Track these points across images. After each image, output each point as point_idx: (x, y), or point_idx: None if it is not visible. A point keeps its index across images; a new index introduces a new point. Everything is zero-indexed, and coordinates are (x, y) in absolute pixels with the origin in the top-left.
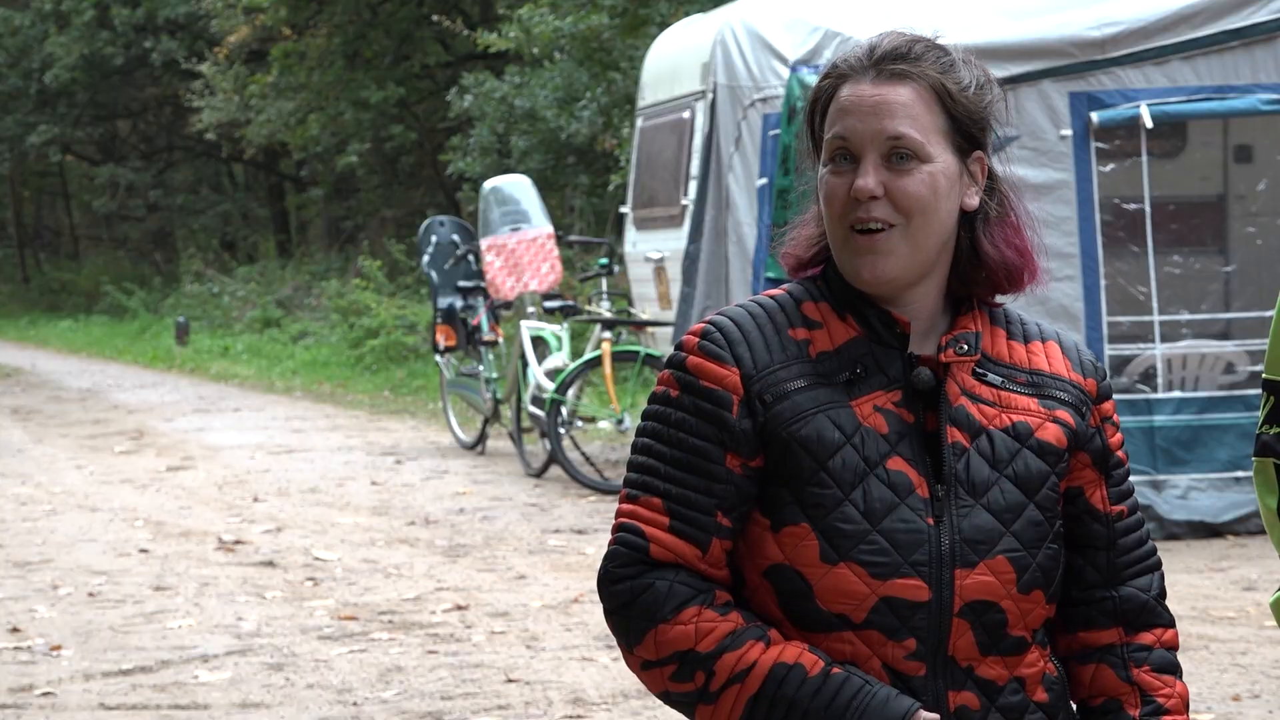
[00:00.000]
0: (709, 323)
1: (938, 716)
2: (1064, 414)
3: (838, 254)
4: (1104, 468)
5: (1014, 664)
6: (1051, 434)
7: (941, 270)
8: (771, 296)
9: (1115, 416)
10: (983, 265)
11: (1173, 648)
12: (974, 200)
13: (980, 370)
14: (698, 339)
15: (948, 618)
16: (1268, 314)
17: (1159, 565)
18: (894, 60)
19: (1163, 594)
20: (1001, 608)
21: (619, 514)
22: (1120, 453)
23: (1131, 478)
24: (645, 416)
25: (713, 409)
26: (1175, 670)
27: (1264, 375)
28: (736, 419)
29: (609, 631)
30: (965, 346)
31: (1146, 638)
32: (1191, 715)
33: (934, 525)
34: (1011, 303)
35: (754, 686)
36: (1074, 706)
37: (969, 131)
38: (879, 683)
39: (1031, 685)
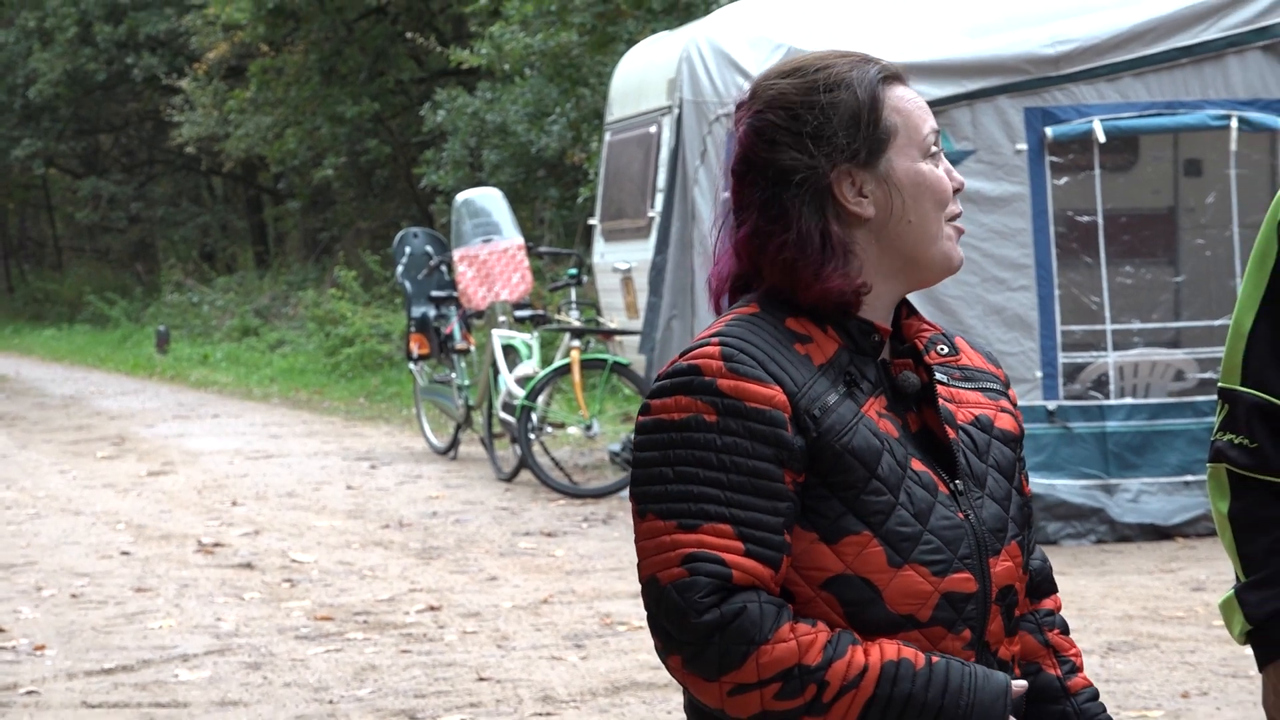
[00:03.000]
0: (722, 345)
1: (1025, 684)
2: (1006, 404)
3: (930, 244)
4: (1020, 451)
5: (1014, 644)
6: (1007, 422)
7: None
8: (748, 316)
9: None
10: None
11: (1059, 610)
12: None
13: (927, 369)
14: (721, 362)
15: (988, 605)
16: (1216, 323)
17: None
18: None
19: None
20: (1016, 590)
21: (679, 544)
22: None
23: (1083, 482)
24: (669, 445)
25: (768, 429)
26: (1069, 631)
27: (1219, 384)
28: (792, 436)
29: (577, 631)
30: (944, 348)
31: (1048, 604)
32: (1141, 712)
33: (965, 519)
34: (967, 308)
35: (869, 690)
36: None
37: None
38: (970, 662)
39: (1015, 664)
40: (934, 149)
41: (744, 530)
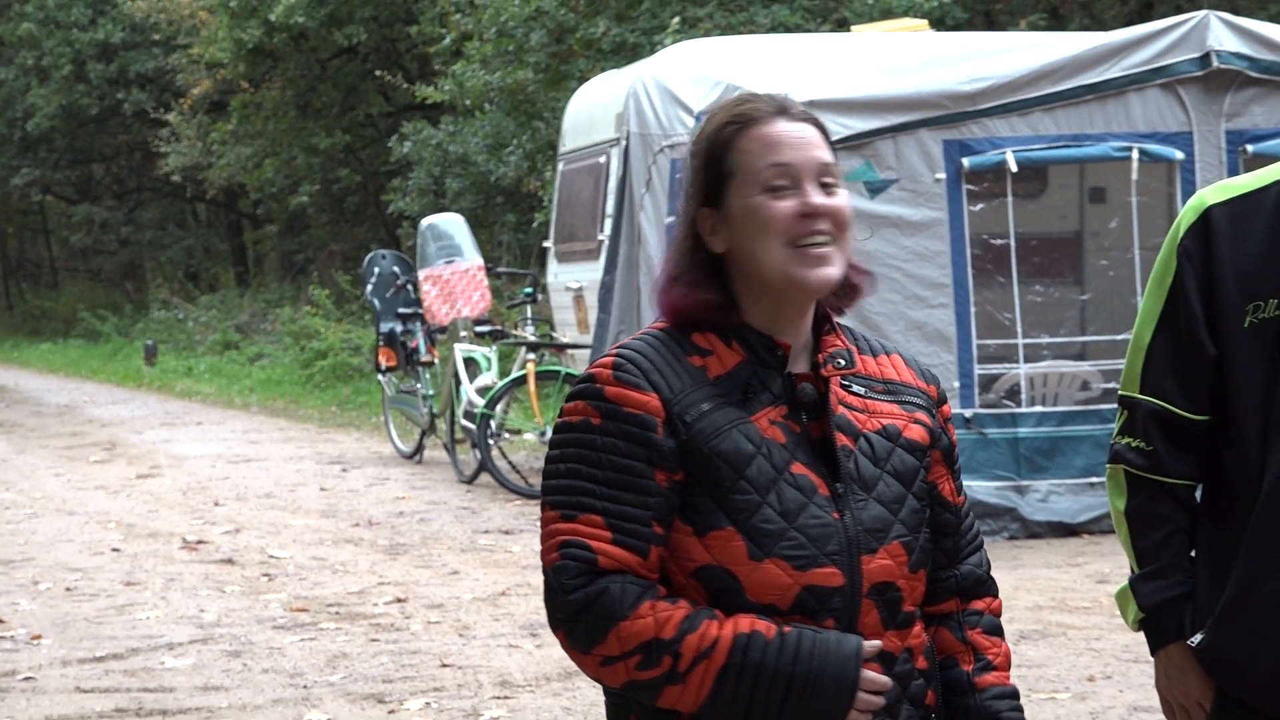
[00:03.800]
0: (617, 357)
1: (879, 643)
2: (922, 415)
3: (772, 270)
4: (949, 463)
5: (905, 636)
6: (916, 433)
7: None
8: (661, 329)
9: (950, 415)
10: (848, 283)
11: (998, 614)
12: None
13: (845, 382)
14: (611, 371)
15: (858, 599)
16: (1119, 337)
17: (984, 544)
18: (795, 106)
19: (989, 567)
20: (898, 586)
21: (558, 533)
22: (955, 450)
23: (997, 483)
24: (565, 444)
25: (640, 431)
26: (1000, 633)
27: (1120, 391)
28: (662, 438)
29: (533, 621)
30: (842, 361)
31: (978, 605)
32: (1050, 695)
33: (839, 519)
34: (890, 324)
35: (721, 658)
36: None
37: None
38: (824, 629)
39: (917, 654)
40: (778, 182)
41: (613, 521)
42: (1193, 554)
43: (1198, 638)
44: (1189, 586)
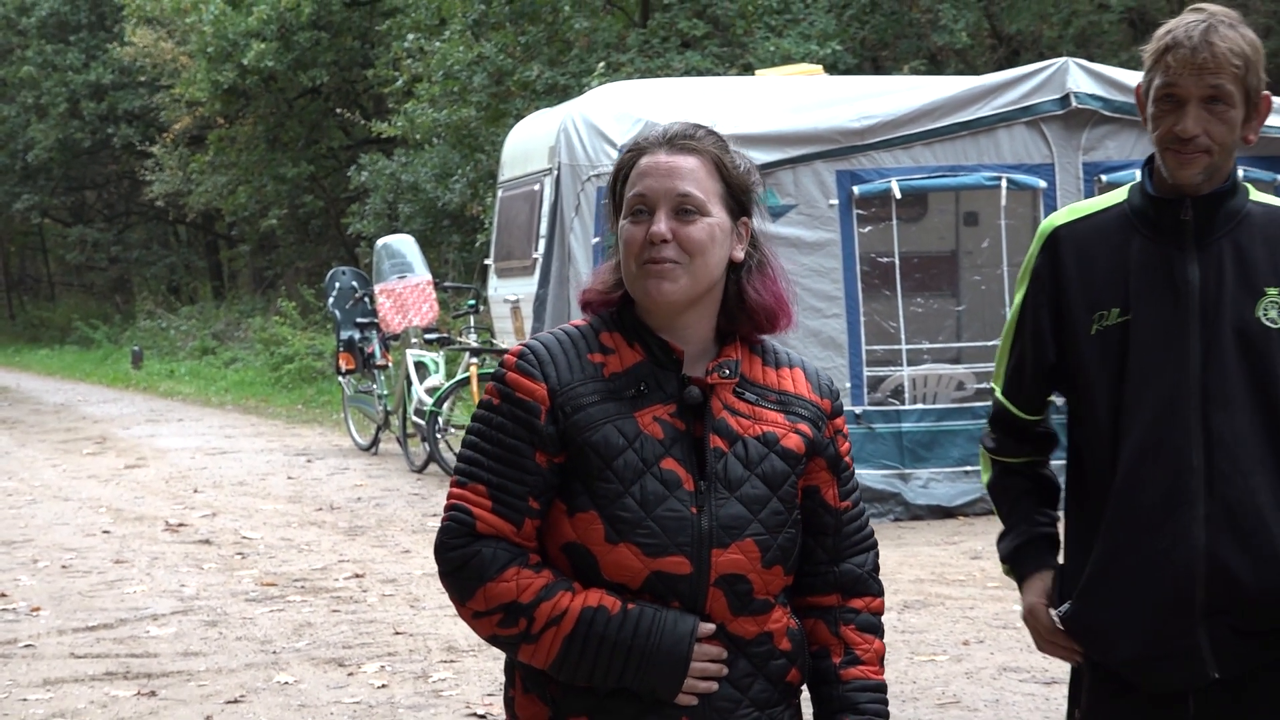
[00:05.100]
0: (525, 346)
1: (714, 626)
2: (804, 427)
3: (632, 285)
4: (835, 470)
5: (762, 621)
6: (793, 443)
7: (711, 309)
8: (576, 326)
9: (845, 429)
10: (746, 307)
11: (878, 613)
12: (740, 254)
13: (739, 389)
14: (515, 358)
15: (704, 587)
16: (990, 343)
17: (874, 546)
18: (683, 139)
19: (876, 569)
20: (749, 579)
21: (451, 496)
22: (847, 459)
23: (884, 471)
24: (474, 419)
25: (525, 416)
26: (875, 630)
27: (991, 383)
28: (544, 424)
29: None
30: (727, 371)
31: (857, 603)
32: (930, 657)
33: (697, 514)
34: (790, 332)
35: (568, 627)
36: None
37: (739, 198)
38: (665, 609)
39: (778, 637)
40: (637, 209)
41: (494, 492)
42: (1041, 510)
43: (1065, 607)
44: (1033, 534)
